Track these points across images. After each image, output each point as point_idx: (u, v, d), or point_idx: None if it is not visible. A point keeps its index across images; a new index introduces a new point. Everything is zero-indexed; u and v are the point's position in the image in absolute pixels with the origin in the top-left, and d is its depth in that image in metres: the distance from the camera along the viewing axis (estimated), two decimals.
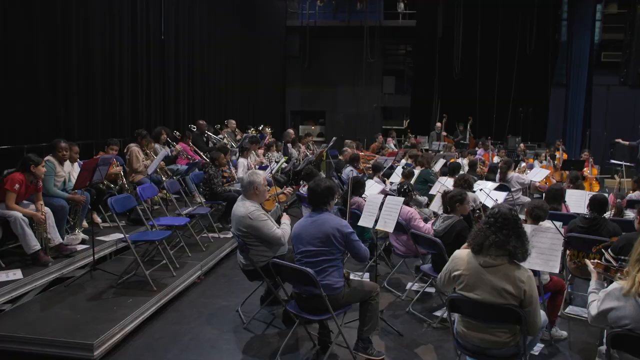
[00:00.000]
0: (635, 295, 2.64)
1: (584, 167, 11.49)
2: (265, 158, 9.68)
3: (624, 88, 16.90)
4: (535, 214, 4.37)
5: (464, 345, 3.28)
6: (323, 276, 3.73)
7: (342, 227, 3.81)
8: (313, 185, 3.99)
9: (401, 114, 20.38)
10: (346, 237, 3.80)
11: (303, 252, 3.88)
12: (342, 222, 3.89)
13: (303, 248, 3.88)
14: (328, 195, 3.94)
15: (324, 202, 3.93)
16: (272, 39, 17.77)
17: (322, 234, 3.78)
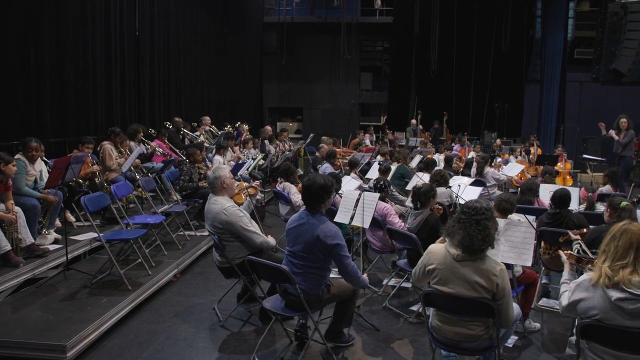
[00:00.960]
0: (602, 286, 2.69)
1: (558, 162, 11.67)
2: (242, 155, 9.63)
3: (596, 84, 17.23)
4: (503, 207, 4.42)
5: (438, 339, 3.31)
6: (302, 279, 3.69)
7: (328, 237, 3.59)
8: (307, 183, 3.78)
9: (378, 110, 20.46)
10: (331, 249, 3.61)
11: (290, 251, 3.84)
12: (330, 232, 3.63)
13: (290, 248, 3.83)
14: (323, 195, 3.73)
15: (319, 202, 3.74)
16: (249, 35, 17.67)
17: (309, 238, 3.65)
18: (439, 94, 18.04)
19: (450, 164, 9.35)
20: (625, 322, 2.62)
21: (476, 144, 13.91)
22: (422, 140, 13.49)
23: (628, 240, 2.69)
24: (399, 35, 18.70)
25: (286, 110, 20.86)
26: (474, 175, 8.51)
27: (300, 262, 3.73)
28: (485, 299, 3.02)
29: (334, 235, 3.61)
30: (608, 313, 2.66)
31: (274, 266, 3.70)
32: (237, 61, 16.21)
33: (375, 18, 19.25)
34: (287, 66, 19.58)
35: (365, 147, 13.06)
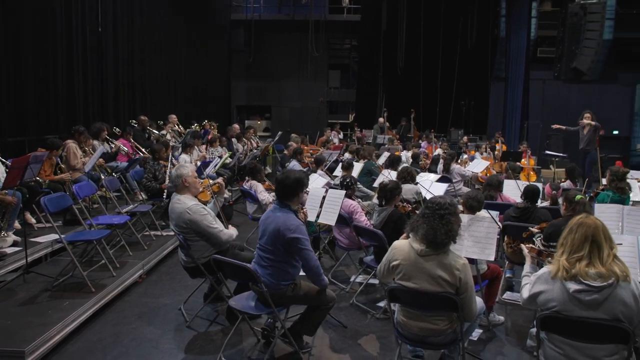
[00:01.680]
0: (561, 278, 2.75)
1: (522, 158, 11.93)
2: (209, 153, 9.53)
3: (558, 82, 17.65)
4: (470, 204, 4.50)
5: (404, 334, 3.34)
6: (269, 272, 3.69)
7: (288, 230, 3.59)
8: (282, 177, 3.83)
9: (347, 107, 20.54)
10: (289, 242, 3.60)
11: (258, 244, 3.83)
12: (293, 224, 3.63)
13: (260, 240, 3.82)
14: (296, 188, 3.77)
15: (292, 195, 3.76)
16: (217, 32, 17.52)
17: (271, 231, 3.66)
18: (406, 91, 18.22)
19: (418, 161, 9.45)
20: (582, 313, 2.68)
21: (443, 141, 14.10)
22: (389, 137, 13.60)
23: (584, 233, 2.75)
24: (367, 33, 18.80)
25: (254, 108, 20.73)
26: (441, 172, 8.62)
27: (265, 255, 3.73)
28: (448, 294, 3.06)
29: (294, 229, 3.60)
30: (566, 304, 2.72)
31: (239, 265, 3.68)
32: (204, 59, 16.04)
33: (343, 16, 19.30)
34: (255, 64, 19.48)
35: (333, 144, 13.09)
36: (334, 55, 20.99)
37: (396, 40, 18.35)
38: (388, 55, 18.54)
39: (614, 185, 6.10)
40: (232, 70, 19.50)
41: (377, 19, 18.44)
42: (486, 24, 18.24)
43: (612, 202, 5.82)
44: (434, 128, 16.58)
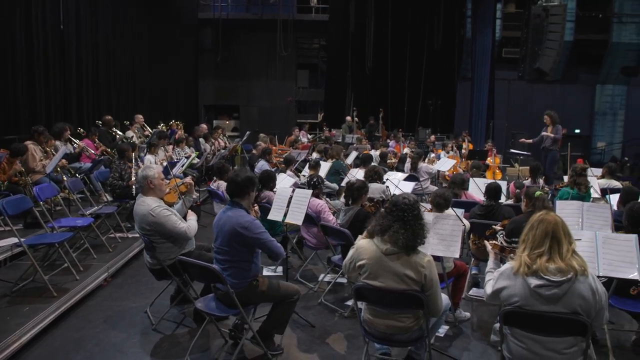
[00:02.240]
0: (522, 274, 2.80)
1: (488, 157, 12.14)
2: (175, 154, 9.40)
3: (522, 82, 18.05)
4: (437, 202, 4.55)
5: (370, 333, 3.35)
6: (229, 273, 3.67)
7: (247, 227, 3.63)
8: (233, 175, 3.87)
9: (315, 107, 20.56)
10: (253, 237, 3.65)
11: (215, 246, 3.82)
12: (247, 221, 3.66)
13: (215, 242, 3.82)
14: (248, 186, 3.80)
15: (243, 193, 3.79)
16: (184, 31, 17.29)
17: (226, 232, 3.67)
18: (374, 91, 18.37)
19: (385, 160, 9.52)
20: (543, 307, 2.74)
21: (411, 140, 14.24)
22: (357, 136, 13.67)
23: (544, 229, 2.81)
24: (335, 33, 18.86)
25: (223, 108, 20.57)
26: (408, 171, 8.71)
27: (223, 257, 3.72)
28: (414, 291, 3.09)
29: (248, 226, 3.64)
30: (527, 299, 2.77)
31: (204, 266, 3.65)
32: (171, 57, 15.83)
33: (311, 16, 19.32)
34: (223, 63, 19.34)
35: (301, 144, 13.08)
36: (303, 55, 21.01)
37: (364, 40, 18.47)
38: (356, 55, 18.63)
39: (572, 180, 6.27)
40: (200, 70, 19.31)
41: (345, 19, 18.51)
42: (452, 25, 18.53)
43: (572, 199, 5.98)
44: (402, 127, 16.74)
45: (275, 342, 4.02)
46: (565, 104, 18.90)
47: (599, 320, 2.80)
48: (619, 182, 7.62)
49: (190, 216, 4.59)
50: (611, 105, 19.51)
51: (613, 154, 18.92)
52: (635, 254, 3.54)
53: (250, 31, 19.32)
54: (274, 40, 18.66)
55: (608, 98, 19.48)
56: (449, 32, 18.50)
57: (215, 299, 3.87)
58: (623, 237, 3.69)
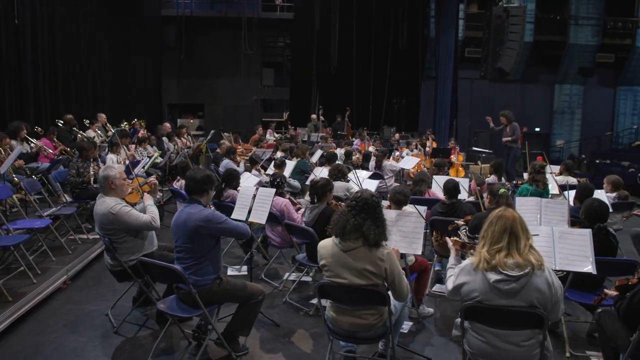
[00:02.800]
0: (482, 269, 2.85)
1: (451, 155, 12.33)
2: (137, 153, 9.23)
3: (484, 81, 18.41)
4: (397, 198, 4.59)
5: (334, 331, 3.37)
6: (191, 272, 3.63)
7: (210, 219, 3.65)
8: (192, 173, 3.85)
9: (281, 106, 20.50)
10: (217, 227, 3.68)
11: (176, 246, 3.79)
12: (209, 213, 3.69)
13: (176, 242, 3.79)
14: (207, 183, 3.80)
15: (202, 191, 3.79)
16: (146, 28, 16.97)
17: (188, 229, 3.65)
18: (339, 89, 18.41)
19: (350, 158, 9.57)
20: (502, 302, 2.80)
21: (376, 138, 14.34)
22: (323, 135, 13.69)
23: (503, 225, 2.87)
24: (300, 31, 18.83)
25: (187, 107, 20.30)
26: (373, 169, 8.78)
27: (185, 256, 3.69)
28: (376, 287, 3.11)
29: (211, 218, 3.66)
30: (487, 294, 2.83)
31: (166, 266, 3.60)
32: (133, 55, 15.52)
33: (276, 14, 19.24)
34: (187, 61, 19.07)
35: (266, 143, 13.03)
36: (268, 54, 20.92)
37: (329, 38, 18.49)
38: (321, 54, 18.65)
39: (531, 177, 6.44)
40: (163, 68, 19.00)
41: (310, 18, 18.49)
42: (416, 25, 18.74)
43: (531, 195, 6.14)
44: (367, 126, 16.85)
45: (240, 342, 3.99)
46: (526, 103, 19.40)
47: (555, 312, 2.88)
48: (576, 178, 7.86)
49: (147, 199, 4.50)
50: (569, 105, 20.10)
51: (571, 151, 19.50)
52: (589, 248, 3.66)
53: (214, 29, 19.13)
54: (238, 39, 18.48)
55: (566, 97, 20.05)
56: (413, 31, 18.70)
57: (177, 299, 3.83)
58: (578, 232, 3.81)
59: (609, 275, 4.42)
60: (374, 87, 18.63)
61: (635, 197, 10.95)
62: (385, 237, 3.26)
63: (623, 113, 20.04)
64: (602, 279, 4.34)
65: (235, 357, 3.87)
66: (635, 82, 19.64)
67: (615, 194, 6.54)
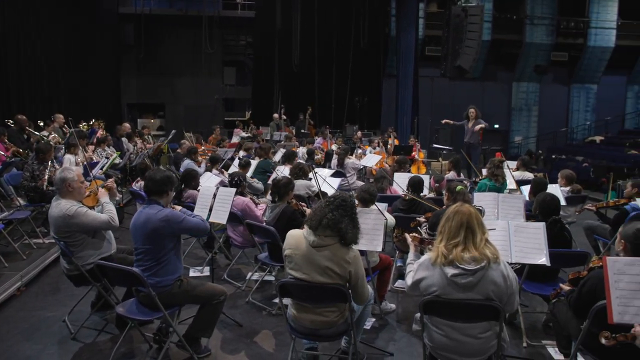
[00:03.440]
0: (440, 264, 2.90)
1: (412, 152, 12.48)
2: (96, 154, 9.01)
3: (444, 80, 18.68)
4: (362, 197, 4.62)
5: (296, 329, 3.37)
6: (151, 274, 3.58)
7: (169, 219, 3.59)
8: (151, 173, 3.77)
9: (243, 105, 20.36)
10: (177, 227, 3.62)
11: (135, 248, 3.72)
12: (168, 213, 3.63)
13: (135, 244, 3.72)
14: (167, 184, 3.73)
15: (161, 192, 3.71)
16: (103, 26, 16.57)
17: (147, 230, 3.58)
18: (302, 88, 18.38)
19: (313, 157, 9.58)
20: (459, 295, 2.85)
21: (338, 136, 14.40)
22: (286, 134, 13.67)
23: (459, 220, 2.92)
24: (261, 29, 18.73)
25: (147, 107, 19.95)
26: (335, 167, 8.81)
27: (144, 258, 3.63)
28: (337, 285, 3.13)
29: (171, 217, 3.60)
30: (445, 288, 2.88)
31: (124, 269, 3.53)
32: (90, 54, 15.14)
33: (237, 12, 19.10)
34: (147, 60, 18.74)
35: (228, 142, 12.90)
36: (229, 52, 20.73)
37: (291, 37, 18.45)
38: (283, 52, 18.58)
39: (490, 172, 6.59)
40: (122, 67, 18.59)
41: (272, 16, 18.41)
42: (377, 23, 18.89)
43: (490, 190, 6.28)
44: (330, 124, 16.90)
45: (202, 344, 3.95)
46: (485, 100, 19.81)
47: (511, 304, 2.95)
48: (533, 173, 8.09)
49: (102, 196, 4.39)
50: (526, 102, 20.65)
51: (529, 147, 20.03)
52: (543, 241, 3.77)
53: (174, 27, 18.87)
54: (199, 37, 18.26)
55: (523, 95, 20.59)
56: (374, 30, 18.84)
57: (137, 302, 3.76)
58: (532, 226, 3.92)
59: (563, 267, 4.57)
60: (336, 85, 18.68)
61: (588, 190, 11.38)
62: (358, 240, 3.27)
63: (577, 110, 20.72)
64: (556, 270, 4.48)
65: (198, 358, 3.83)
66: (587, 80, 20.34)
67: (569, 188, 6.76)
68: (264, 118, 17.35)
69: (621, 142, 16.71)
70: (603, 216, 6.26)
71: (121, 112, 18.59)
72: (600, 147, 17.25)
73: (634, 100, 20.84)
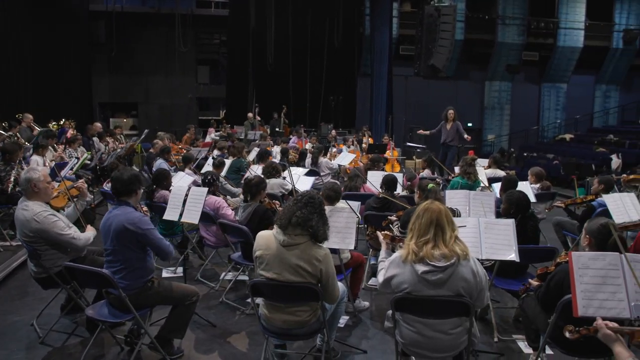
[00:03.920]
0: (411, 261, 2.92)
1: (387, 150, 12.57)
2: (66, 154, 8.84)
3: (418, 78, 18.85)
4: (327, 194, 4.63)
5: (269, 329, 3.35)
6: (121, 275, 3.53)
7: (136, 223, 3.51)
8: (117, 174, 3.70)
9: (217, 104, 20.21)
10: (142, 233, 3.53)
11: (105, 249, 3.65)
12: (136, 218, 3.56)
13: (104, 245, 3.65)
14: (134, 183, 3.66)
15: (129, 191, 3.65)
16: (74, 24, 16.25)
17: (116, 231, 3.52)
18: (276, 87, 18.34)
19: (287, 156, 9.57)
20: (430, 292, 2.88)
21: (313, 135, 14.41)
22: (261, 133, 13.62)
23: (429, 217, 2.95)
24: (235, 28, 18.58)
25: (120, 106, 19.65)
26: (309, 166, 8.82)
27: (113, 259, 3.57)
28: (309, 284, 3.13)
29: (138, 221, 3.53)
30: (416, 285, 2.90)
31: (94, 271, 3.47)
32: (60, 52, 14.84)
33: (211, 10, 18.95)
34: (119, 59, 18.44)
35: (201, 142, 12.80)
36: (203, 51, 20.56)
37: (265, 36, 18.38)
38: (257, 51, 18.50)
39: (462, 170, 6.68)
40: (93, 65, 18.26)
41: (246, 15, 18.31)
42: (352, 23, 18.95)
43: (462, 188, 6.36)
44: (305, 123, 16.90)
45: (174, 345, 3.91)
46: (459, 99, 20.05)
47: (481, 300, 2.99)
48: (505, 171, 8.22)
49: (89, 230, 4.32)
50: (499, 100, 20.97)
51: (501, 145, 20.34)
52: (512, 238, 3.83)
53: (147, 25, 18.62)
54: (172, 35, 18.05)
55: (496, 94, 20.91)
56: (349, 29, 18.90)
57: (107, 304, 3.70)
58: (502, 222, 3.98)
59: (532, 262, 4.66)
60: (310, 84, 18.69)
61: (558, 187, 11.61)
62: (327, 236, 3.28)
63: (547, 108, 21.13)
64: (526, 266, 4.56)
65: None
66: (557, 79, 20.76)
67: (539, 185, 6.89)
68: (238, 117, 17.23)
69: (590, 140, 17.09)
70: (572, 212, 6.39)
71: (93, 112, 18.25)
72: (570, 145, 17.62)
73: (602, 99, 21.35)
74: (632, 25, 20.06)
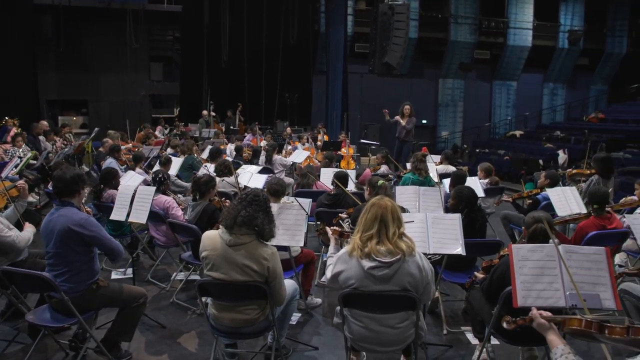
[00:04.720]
0: (357, 257, 2.94)
1: (342, 147, 12.63)
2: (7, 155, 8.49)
3: (373, 76, 18.98)
4: (274, 189, 4.62)
5: (217, 328, 3.33)
6: (64, 279, 3.42)
7: (82, 224, 3.42)
8: (60, 173, 3.57)
9: (171, 101, 19.83)
10: (89, 234, 3.43)
11: (47, 252, 3.53)
12: (82, 218, 3.47)
13: (46, 248, 3.53)
14: (77, 183, 3.55)
15: (72, 191, 3.54)
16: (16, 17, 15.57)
17: (59, 233, 3.40)
18: (231, 84, 18.13)
19: (241, 154, 9.48)
20: (376, 287, 2.91)
21: (268, 133, 14.35)
22: (215, 131, 13.46)
23: (374, 213, 2.98)
24: (189, 24, 18.27)
25: (69, 103, 18.99)
26: (263, 163, 8.77)
27: (56, 262, 3.46)
28: (256, 282, 3.11)
29: (84, 223, 3.43)
30: (362, 281, 2.93)
31: (33, 274, 3.35)
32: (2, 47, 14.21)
33: (164, 6, 18.50)
34: (67, 54, 17.78)
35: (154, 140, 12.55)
36: (156, 47, 20.12)
37: (219, 32, 18.14)
38: (212, 48, 18.23)
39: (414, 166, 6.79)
40: (39, 61, 17.54)
41: (200, 11, 18.01)
42: (307, 20, 18.91)
43: (413, 184, 6.46)
44: (260, 121, 16.79)
45: (122, 348, 3.82)
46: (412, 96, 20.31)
47: (427, 294, 3.05)
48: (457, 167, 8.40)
49: (27, 227, 4.16)
50: (452, 98, 21.37)
51: (455, 142, 20.76)
52: (458, 232, 3.91)
53: (96, 20, 18.02)
54: (123, 31, 17.57)
55: (449, 91, 21.30)
56: (304, 27, 18.86)
57: (50, 308, 3.58)
58: (449, 217, 4.06)
59: (479, 255, 4.78)
60: (266, 81, 18.54)
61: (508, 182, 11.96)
62: (274, 234, 3.27)
63: (499, 105, 21.68)
64: (474, 259, 4.68)
65: None
66: (507, 77, 21.33)
67: (488, 180, 7.07)
68: (192, 115, 16.95)
69: (539, 137, 17.66)
70: (519, 206, 6.59)
71: (40, 109, 17.56)
72: (520, 141, 18.14)
73: (549, 97, 22.07)
74: (576, 26, 20.82)
